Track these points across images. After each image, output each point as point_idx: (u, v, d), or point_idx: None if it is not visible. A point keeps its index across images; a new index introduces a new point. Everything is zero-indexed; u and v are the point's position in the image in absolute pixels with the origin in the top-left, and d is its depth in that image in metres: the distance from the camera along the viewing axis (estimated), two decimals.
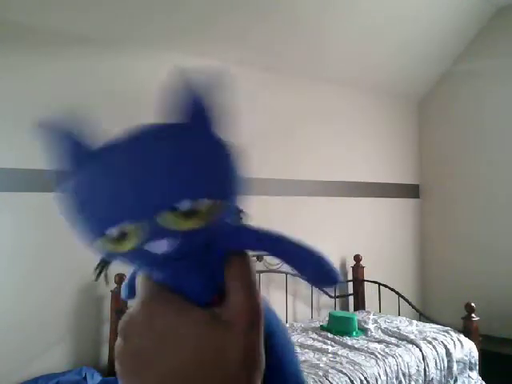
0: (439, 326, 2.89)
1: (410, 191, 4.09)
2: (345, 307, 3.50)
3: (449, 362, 2.59)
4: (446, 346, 2.62)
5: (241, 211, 0.31)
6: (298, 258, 0.30)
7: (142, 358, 0.28)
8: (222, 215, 0.27)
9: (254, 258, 2.13)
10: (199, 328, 0.28)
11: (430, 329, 2.85)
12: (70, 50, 2.42)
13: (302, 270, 0.30)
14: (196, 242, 0.28)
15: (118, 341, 0.29)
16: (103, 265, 0.33)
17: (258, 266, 2.75)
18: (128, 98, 2.58)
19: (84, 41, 2.45)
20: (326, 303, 3.32)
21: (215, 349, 0.27)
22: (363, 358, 2.37)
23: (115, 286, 2.35)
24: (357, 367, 2.25)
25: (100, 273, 0.34)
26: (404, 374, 2.38)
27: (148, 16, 2.50)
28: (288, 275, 2.95)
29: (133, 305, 0.31)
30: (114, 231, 0.26)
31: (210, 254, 0.29)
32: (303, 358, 2.35)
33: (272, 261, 2.79)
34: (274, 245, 0.30)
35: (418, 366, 2.46)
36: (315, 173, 3.39)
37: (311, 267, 0.30)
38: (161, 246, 0.26)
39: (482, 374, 2.74)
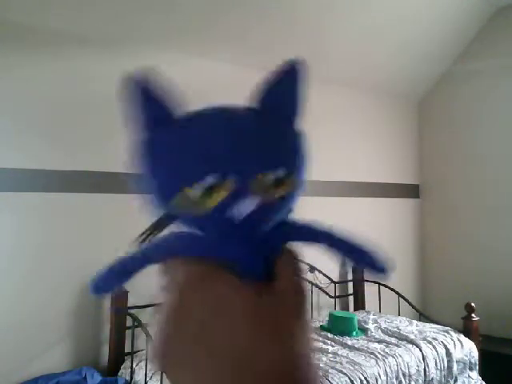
0: (439, 326, 2.89)
1: (410, 191, 4.09)
2: (345, 307, 3.50)
3: (449, 362, 2.59)
4: (445, 346, 2.62)
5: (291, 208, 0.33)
6: (353, 250, 0.32)
7: (199, 328, 0.27)
8: (296, 192, 0.30)
9: None
10: (252, 299, 0.28)
11: (429, 329, 2.85)
12: (69, 50, 2.42)
13: (358, 260, 0.32)
14: (270, 213, 0.29)
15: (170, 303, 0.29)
16: (154, 229, 0.32)
17: None
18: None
19: (83, 41, 2.45)
20: (326, 303, 3.32)
21: (268, 320, 0.28)
22: (363, 358, 2.37)
23: None
24: (357, 367, 2.25)
25: (148, 236, 0.33)
26: (404, 374, 2.38)
27: (147, 16, 2.50)
28: None
29: (174, 285, 0.29)
30: (203, 184, 0.27)
31: (268, 240, 0.30)
32: None
33: None
34: (328, 237, 0.32)
35: (418, 366, 2.46)
36: (315, 173, 3.38)
37: (367, 259, 0.32)
38: (238, 212, 0.27)
39: (482, 374, 2.74)
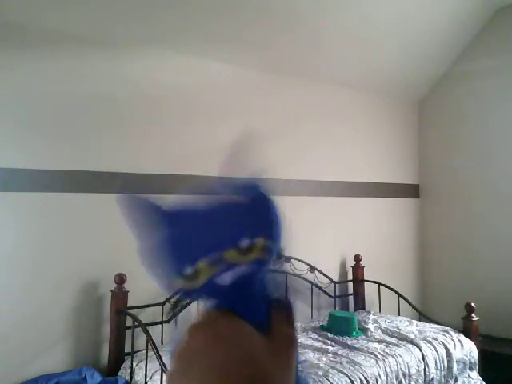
0: (439, 326, 2.89)
1: (410, 191, 4.09)
2: (345, 307, 3.50)
3: (449, 362, 2.59)
4: (446, 346, 2.62)
5: (282, 255, 0.39)
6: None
7: (192, 357, 0.33)
8: (271, 252, 0.36)
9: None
10: (249, 340, 0.33)
11: (430, 329, 2.85)
12: (69, 50, 2.42)
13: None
14: (250, 273, 0.35)
15: (181, 342, 0.34)
16: (178, 302, 0.40)
17: None
18: (127, 97, 2.59)
19: (83, 41, 2.45)
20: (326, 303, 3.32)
21: (255, 359, 0.32)
22: (363, 358, 2.37)
23: (115, 285, 2.36)
24: (357, 367, 2.25)
25: (174, 307, 0.41)
26: (404, 374, 2.38)
27: (146, 16, 2.50)
28: (288, 275, 2.95)
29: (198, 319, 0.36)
30: (190, 269, 0.34)
31: (258, 290, 0.37)
32: (303, 358, 2.35)
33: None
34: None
35: (417, 366, 2.46)
36: (315, 173, 3.39)
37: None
38: (225, 279, 0.35)
39: (482, 374, 2.74)
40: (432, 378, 2.49)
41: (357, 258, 3.47)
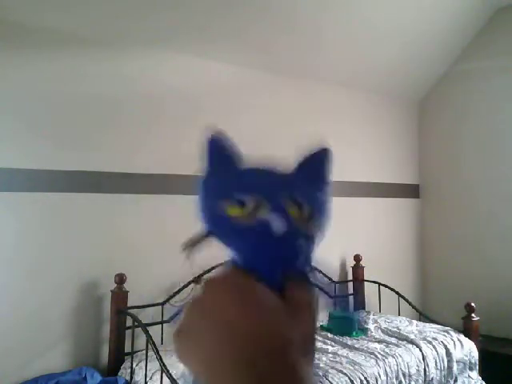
0: (439, 326, 2.89)
1: (410, 191, 4.09)
2: (345, 307, 3.50)
3: (449, 362, 2.59)
4: (446, 346, 2.62)
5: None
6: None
7: (207, 312, 0.31)
8: (316, 228, 0.37)
9: None
10: (271, 304, 0.32)
11: (429, 329, 2.85)
12: (69, 50, 2.42)
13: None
14: (296, 232, 0.35)
15: (195, 295, 0.33)
16: (197, 241, 0.38)
17: None
18: (127, 97, 2.59)
19: (83, 41, 2.45)
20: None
21: (274, 322, 0.31)
22: (363, 358, 2.37)
23: (115, 285, 2.36)
24: (357, 367, 2.25)
25: (191, 246, 0.38)
26: (404, 374, 2.38)
27: (146, 16, 2.50)
28: None
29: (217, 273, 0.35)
30: (248, 197, 0.34)
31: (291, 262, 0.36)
32: None
33: None
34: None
35: (417, 366, 2.46)
36: None
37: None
38: (277, 228, 0.34)
39: (482, 374, 2.74)
40: (432, 378, 2.49)
41: (357, 258, 3.46)
